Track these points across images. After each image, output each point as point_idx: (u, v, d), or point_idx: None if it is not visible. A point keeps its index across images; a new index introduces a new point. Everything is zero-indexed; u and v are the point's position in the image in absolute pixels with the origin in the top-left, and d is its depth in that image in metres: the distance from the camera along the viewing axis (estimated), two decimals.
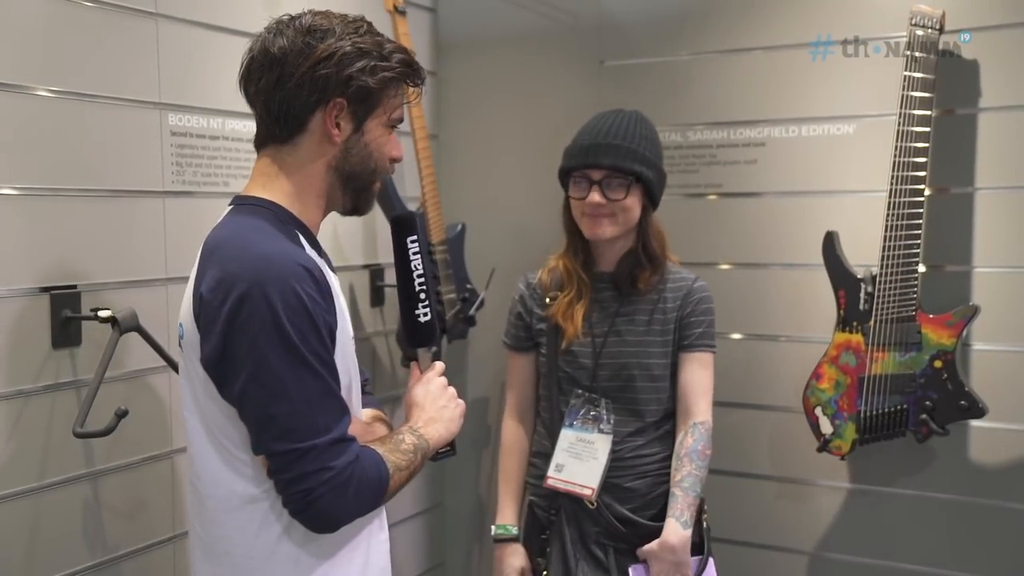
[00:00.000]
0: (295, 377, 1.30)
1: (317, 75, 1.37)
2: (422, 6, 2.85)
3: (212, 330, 1.31)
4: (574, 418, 2.09)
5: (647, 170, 2.03)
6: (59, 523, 1.81)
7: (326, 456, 1.30)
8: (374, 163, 1.46)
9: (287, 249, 1.34)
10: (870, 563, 2.41)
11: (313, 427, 1.30)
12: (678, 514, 1.99)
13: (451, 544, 3.03)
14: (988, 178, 2.24)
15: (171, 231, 2.01)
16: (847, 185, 2.38)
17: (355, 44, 1.39)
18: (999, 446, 2.26)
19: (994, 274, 2.25)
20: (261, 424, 1.31)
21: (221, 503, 1.39)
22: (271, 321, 1.28)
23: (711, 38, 2.54)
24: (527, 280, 2.22)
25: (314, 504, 1.31)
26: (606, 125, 2.07)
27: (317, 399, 1.32)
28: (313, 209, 1.46)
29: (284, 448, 1.30)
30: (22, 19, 1.73)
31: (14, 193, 1.72)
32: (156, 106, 1.98)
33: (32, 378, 1.76)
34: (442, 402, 1.56)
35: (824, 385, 2.27)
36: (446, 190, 2.80)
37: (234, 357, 1.30)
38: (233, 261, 1.31)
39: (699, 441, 2.04)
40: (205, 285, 1.32)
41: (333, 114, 1.40)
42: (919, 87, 2.13)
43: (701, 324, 2.08)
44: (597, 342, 2.09)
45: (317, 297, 1.32)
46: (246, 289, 1.28)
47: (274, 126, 1.41)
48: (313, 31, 1.38)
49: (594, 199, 2.02)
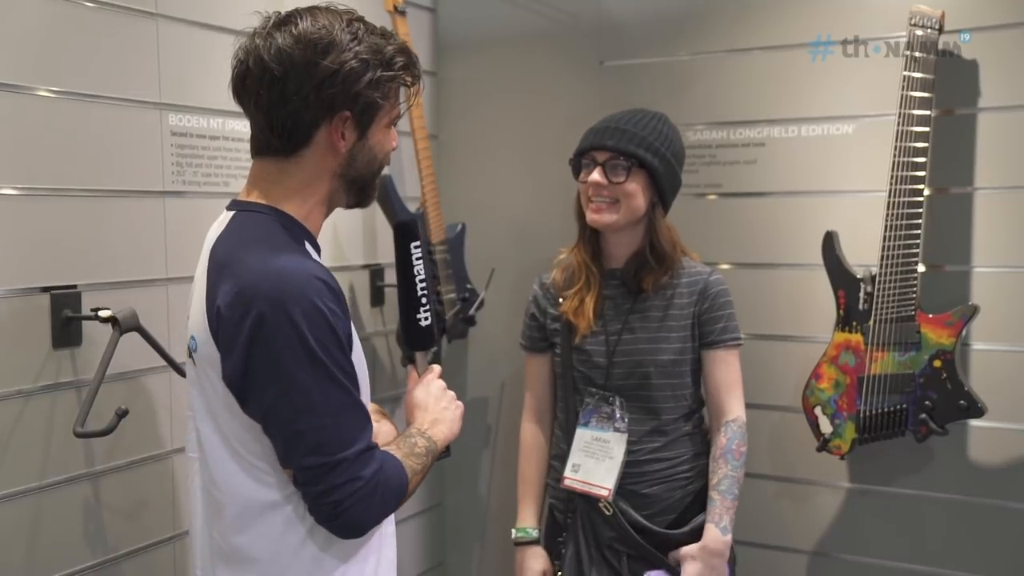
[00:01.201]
0: (322, 392, 1.29)
1: (323, 94, 1.34)
2: (422, 6, 2.86)
3: (233, 347, 1.29)
4: (589, 417, 2.07)
5: (652, 157, 2.00)
6: (60, 523, 1.81)
7: (355, 468, 1.31)
8: (378, 163, 1.46)
9: (303, 263, 1.33)
10: (869, 562, 2.42)
11: (341, 440, 1.31)
12: (717, 519, 1.98)
13: (451, 544, 3.04)
14: (987, 178, 2.24)
15: (171, 231, 2.01)
16: (846, 185, 2.39)
17: (358, 56, 1.34)
18: (998, 446, 2.26)
19: (993, 274, 2.25)
20: (289, 440, 1.31)
21: (243, 511, 1.38)
22: (296, 338, 1.27)
23: (710, 38, 2.54)
24: (541, 280, 2.21)
25: (344, 514, 1.31)
26: (622, 114, 2.07)
27: (344, 412, 1.32)
28: (316, 215, 1.45)
29: (314, 463, 1.30)
30: (22, 19, 1.73)
31: (14, 193, 1.73)
32: (156, 106, 1.98)
33: (32, 378, 1.76)
34: (443, 403, 1.56)
35: (824, 385, 2.27)
36: (446, 190, 2.80)
37: (258, 374, 1.29)
38: (250, 274, 1.29)
39: (733, 440, 2.03)
40: (222, 300, 1.30)
41: (339, 128, 1.38)
42: (919, 87, 2.13)
43: (721, 319, 2.05)
44: (611, 340, 2.07)
45: (336, 309, 1.32)
46: (268, 306, 1.27)
47: (276, 140, 1.38)
48: (314, 45, 1.33)
49: (594, 178, 2.01)
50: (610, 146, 2.00)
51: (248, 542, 1.39)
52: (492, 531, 2.94)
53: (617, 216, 2.02)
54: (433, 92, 2.91)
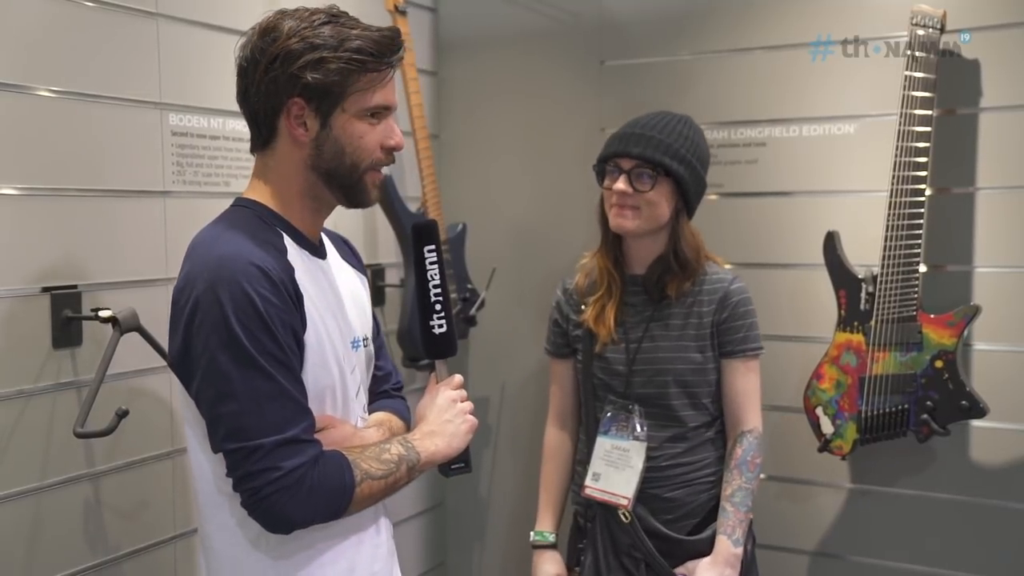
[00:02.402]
0: (243, 377, 1.30)
1: (269, 78, 1.37)
2: (423, 6, 2.85)
3: (176, 330, 1.34)
4: (609, 426, 2.06)
5: (679, 166, 1.96)
6: (60, 523, 1.81)
7: (274, 456, 1.30)
8: (348, 157, 1.41)
9: (244, 249, 1.33)
10: (871, 563, 2.42)
11: (260, 427, 1.30)
12: (729, 531, 1.97)
13: (451, 544, 3.03)
14: (989, 178, 2.24)
15: (171, 231, 2.01)
16: (848, 185, 2.39)
17: (304, 39, 1.34)
18: (1000, 446, 2.26)
19: (995, 274, 2.25)
20: (212, 422, 1.34)
21: (207, 500, 1.43)
22: (220, 321, 1.29)
23: (712, 38, 2.54)
24: (564, 286, 2.20)
25: (262, 503, 1.31)
26: (647, 119, 2.03)
27: (267, 399, 1.31)
28: (298, 208, 1.45)
29: (232, 447, 1.31)
30: (23, 19, 1.73)
31: (15, 193, 1.72)
32: (157, 106, 1.98)
33: (33, 378, 1.76)
34: (447, 416, 1.51)
35: (825, 385, 2.27)
36: (447, 190, 2.80)
37: (191, 356, 1.33)
38: (196, 261, 1.35)
39: (748, 451, 2.02)
40: (176, 286, 1.36)
41: (293, 115, 1.39)
42: (920, 87, 2.13)
43: (741, 328, 2.03)
44: (631, 348, 2.05)
45: (272, 297, 1.31)
46: (202, 290, 1.31)
47: (255, 133, 1.44)
48: (267, 33, 1.37)
49: (619, 187, 1.98)
50: (635, 153, 1.96)
51: (210, 531, 1.43)
52: (492, 531, 2.94)
53: (640, 221, 1.99)
54: (434, 92, 2.91)
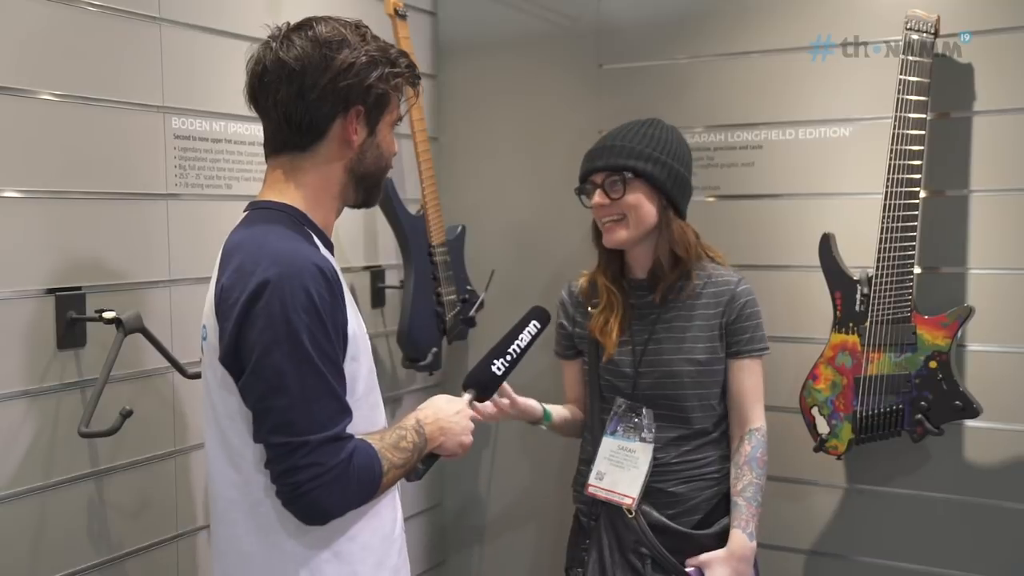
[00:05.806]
0: (296, 372, 1.33)
1: (339, 87, 1.43)
2: (422, 10, 2.87)
3: (229, 318, 1.35)
4: (616, 426, 2.07)
5: (644, 164, 2.00)
6: (64, 522, 1.83)
7: (319, 453, 1.33)
8: (384, 161, 1.54)
9: (300, 248, 1.38)
10: (866, 562, 2.43)
11: (309, 423, 1.33)
12: (743, 525, 1.99)
13: (451, 544, 3.05)
14: (983, 181, 2.26)
15: (174, 233, 2.03)
16: (843, 187, 2.40)
17: (368, 53, 1.45)
18: (993, 446, 2.28)
19: (988, 276, 2.27)
20: (260, 415, 1.35)
21: (228, 505, 1.44)
22: (280, 315, 1.31)
23: (709, 41, 2.56)
24: (569, 288, 2.23)
25: (303, 498, 1.34)
26: (613, 131, 2.08)
27: (316, 396, 1.34)
28: (327, 210, 1.51)
29: (278, 440, 1.34)
30: (26, 23, 1.75)
31: (19, 196, 1.74)
32: (159, 110, 2.00)
33: (38, 379, 1.78)
34: (458, 419, 1.60)
35: (820, 385, 2.29)
36: (446, 192, 2.82)
37: (245, 347, 1.34)
38: (250, 255, 1.37)
39: (757, 448, 2.04)
40: (225, 279, 1.37)
41: (353, 121, 1.46)
42: (914, 91, 2.15)
43: (748, 329, 2.06)
44: (637, 350, 2.07)
45: (328, 297, 1.36)
46: (260, 282, 1.33)
47: (294, 135, 1.46)
48: (328, 43, 1.44)
49: (596, 200, 2.04)
50: (601, 166, 2.03)
51: (236, 534, 1.44)
52: (492, 531, 2.96)
53: (630, 230, 2.03)
54: (433, 95, 2.93)
